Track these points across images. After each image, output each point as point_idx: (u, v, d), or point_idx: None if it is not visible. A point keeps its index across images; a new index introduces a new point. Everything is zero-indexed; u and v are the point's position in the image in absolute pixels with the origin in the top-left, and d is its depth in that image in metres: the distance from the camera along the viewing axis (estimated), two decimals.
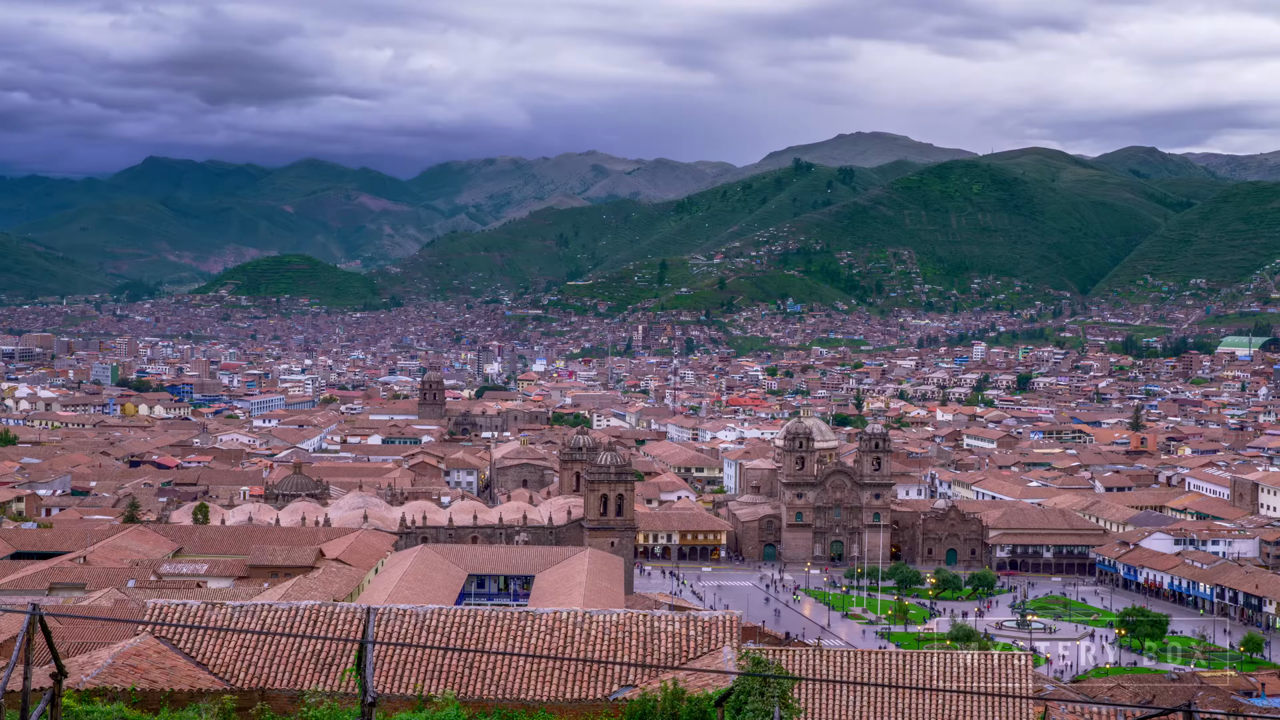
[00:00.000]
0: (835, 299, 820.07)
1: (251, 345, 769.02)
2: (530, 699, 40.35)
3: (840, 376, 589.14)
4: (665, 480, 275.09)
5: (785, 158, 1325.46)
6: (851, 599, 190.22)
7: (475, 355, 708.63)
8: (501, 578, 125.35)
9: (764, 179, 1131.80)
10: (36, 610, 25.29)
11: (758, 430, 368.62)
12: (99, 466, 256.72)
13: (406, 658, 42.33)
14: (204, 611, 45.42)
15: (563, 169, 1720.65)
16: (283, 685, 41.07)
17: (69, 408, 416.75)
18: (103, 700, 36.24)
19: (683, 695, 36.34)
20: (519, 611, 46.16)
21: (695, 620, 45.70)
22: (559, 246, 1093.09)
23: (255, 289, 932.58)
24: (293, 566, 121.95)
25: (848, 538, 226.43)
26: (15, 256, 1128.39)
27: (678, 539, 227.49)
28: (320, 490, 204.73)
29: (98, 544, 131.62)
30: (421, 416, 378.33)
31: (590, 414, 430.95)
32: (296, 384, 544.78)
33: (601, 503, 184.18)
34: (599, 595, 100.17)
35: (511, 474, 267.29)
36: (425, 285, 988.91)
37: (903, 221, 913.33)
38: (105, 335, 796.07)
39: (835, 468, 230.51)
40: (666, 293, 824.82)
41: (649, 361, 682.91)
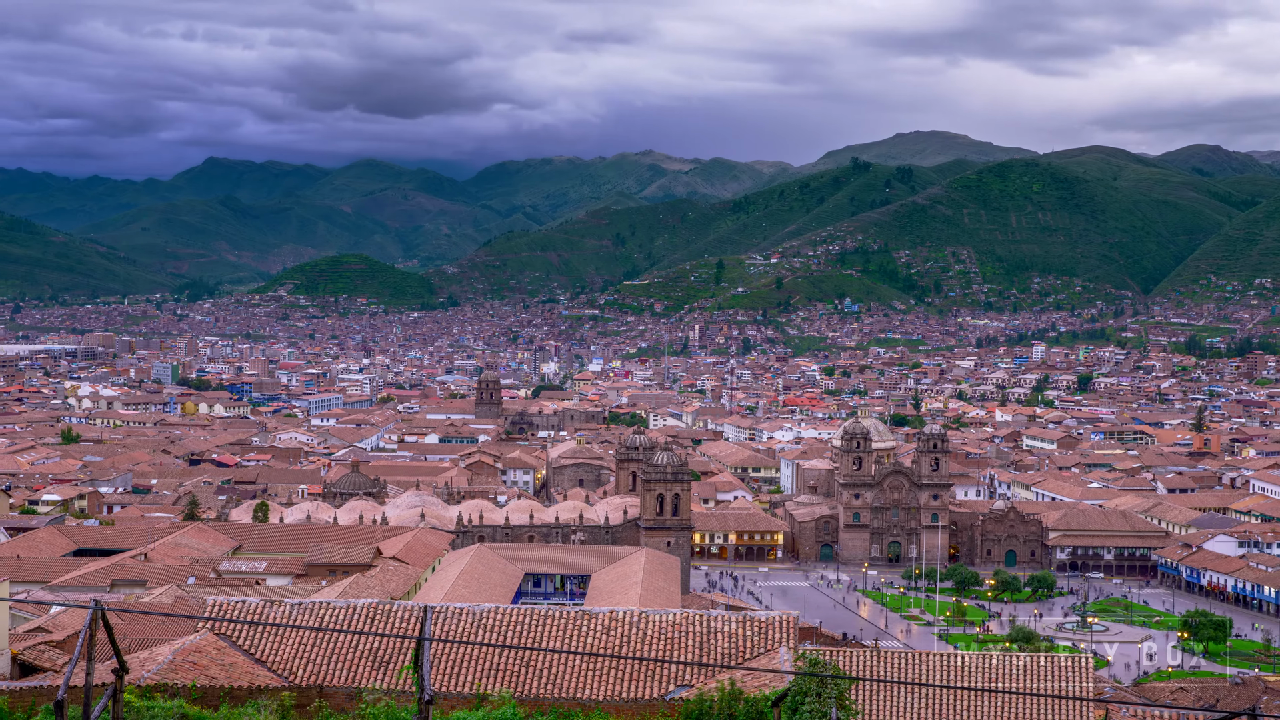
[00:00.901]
0: (893, 299, 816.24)
1: (310, 344, 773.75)
2: (586, 698, 40.33)
3: (898, 376, 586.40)
4: (722, 480, 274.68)
5: (843, 157, 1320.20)
6: (909, 600, 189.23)
7: (532, 355, 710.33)
8: (558, 577, 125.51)
9: (822, 178, 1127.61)
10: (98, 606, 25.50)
11: (815, 430, 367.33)
12: (159, 465, 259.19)
13: (463, 656, 42.39)
14: (263, 609, 45.67)
15: (619, 168, 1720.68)
16: (341, 682, 41.24)
17: (130, 406, 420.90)
18: (163, 696, 36.52)
19: (739, 695, 36.21)
20: (575, 611, 46.14)
21: (752, 620, 45.53)
22: (615, 246, 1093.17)
23: (314, 289, 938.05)
24: (350, 565, 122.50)
25: (905, 538, 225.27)
26: (78, 257, 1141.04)
27: (734, 539, 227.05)
28: (378, 489, 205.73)
29: (158, 541, 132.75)
30: (478, 416, 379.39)
31: (646, 414, 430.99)
32: (354, 383, 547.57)
33: (658, 502, 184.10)
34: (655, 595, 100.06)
35: (568, 473, 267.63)
36: (482, 285, 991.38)
37: (962, 221, 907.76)
38: (166, 335, 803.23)
39: (893, 468, 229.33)
40: (723, 292, 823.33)
41: (705, 361, 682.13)
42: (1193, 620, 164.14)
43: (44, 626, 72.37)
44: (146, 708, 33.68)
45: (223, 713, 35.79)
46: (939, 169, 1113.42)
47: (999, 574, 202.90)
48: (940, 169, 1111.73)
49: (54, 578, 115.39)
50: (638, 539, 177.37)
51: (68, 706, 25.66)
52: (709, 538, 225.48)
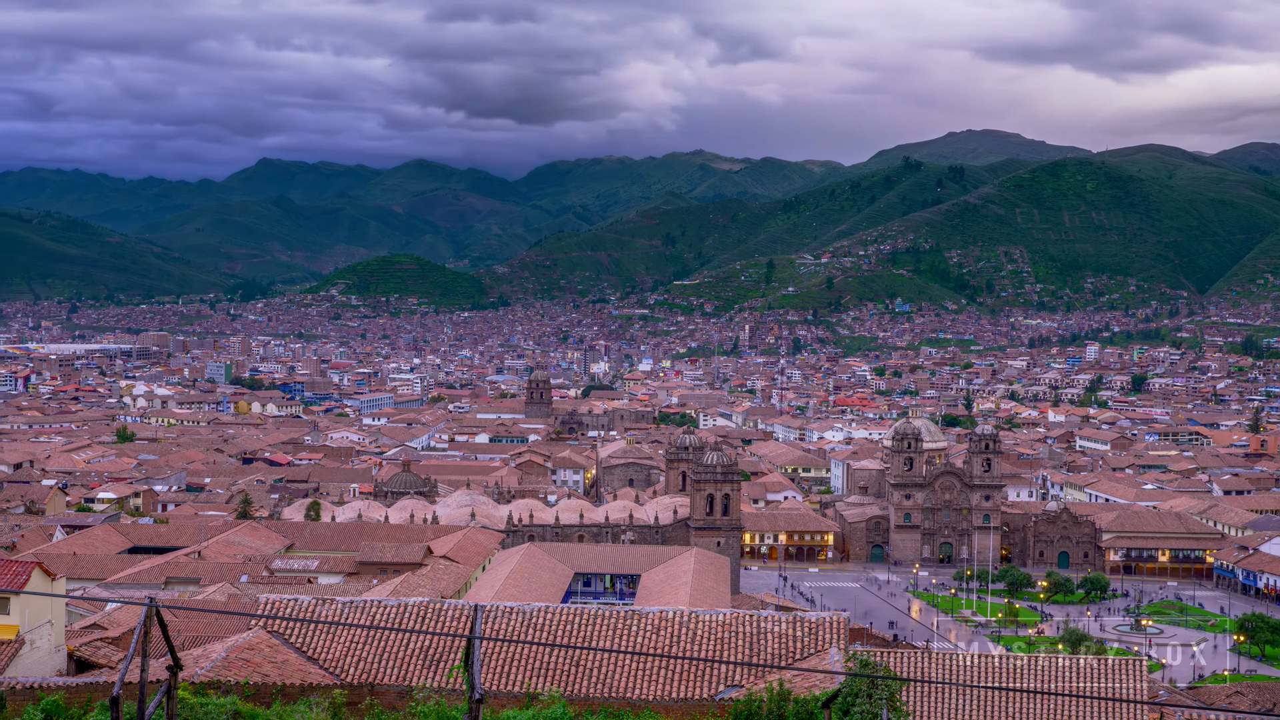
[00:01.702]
0: (944, 298, 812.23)
1: (361, 344, 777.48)
2: (636, 698, 40.34)
3: (949, 377, 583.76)
4: (772, 480, 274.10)
5: (894, 156, 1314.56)
6: (961, 601, 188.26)
7: (581, 354, 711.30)
8: (607, 576, 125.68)
9: (873, 178, 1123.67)
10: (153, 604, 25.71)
11: (865, 430, 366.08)
12: (213, 463, 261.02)
13: (514, 655, 42.50)
14: (315, 607, 45.94)
15: (669, 168, 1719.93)
16: (392, 680, 41.43)
17: (184, 405, 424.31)
18: (217, 693, 36.79)
19: (789, 696, 36.13)
20: (625, 610, 46.17)
21: (802, 621, 45.44)
22: (666, 246, 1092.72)
23: (365, 289, 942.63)
24: (401, 563, 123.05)
25: (957, 539, 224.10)
26: (133, 257, 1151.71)
27: (784, 539, 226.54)
28: (428, 488, 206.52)
29: (212, 539, 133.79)
30: (528, 415, 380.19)
31: (696, 414, 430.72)
32: (405, 382, 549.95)
33: (708, 502, 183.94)
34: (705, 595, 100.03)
35: (617, 473, 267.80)
36: (532, 285, 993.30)
37: (1014, 220, 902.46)
38: (219, 334, 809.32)
39: (944, 469, 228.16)
40: (773, 292, 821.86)
41: (755, 361, 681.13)
42: (1249, 623, 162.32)
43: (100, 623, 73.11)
44: (200, 704, 33.93)
45: (275, 710, 36.00)
46: (991, 168, 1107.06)
47: (1051, 575, 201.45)
48: (992, 168, 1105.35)
49: (109, 575, 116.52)
50: (687, 539, 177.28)
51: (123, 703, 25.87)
52: (759, 538, 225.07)
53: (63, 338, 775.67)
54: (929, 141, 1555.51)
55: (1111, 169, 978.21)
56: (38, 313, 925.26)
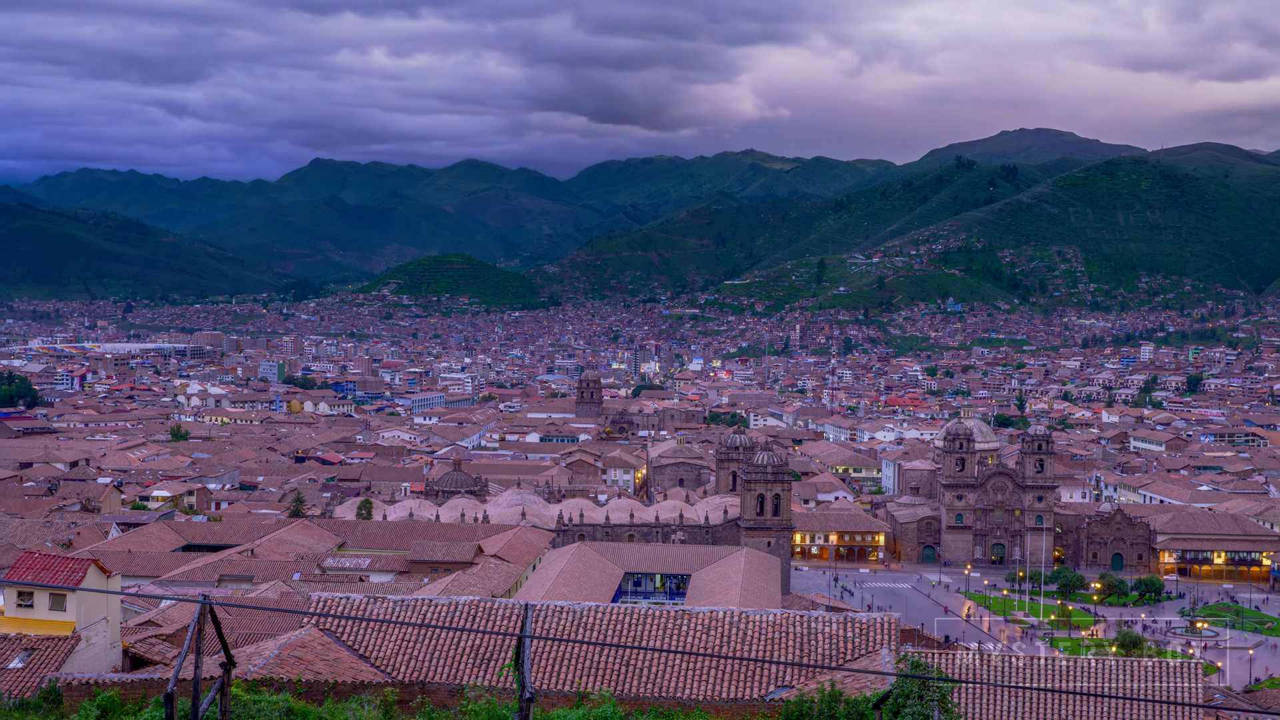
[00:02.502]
0: (997, 298, 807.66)
1: (412, 344, 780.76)
2: (686, 698, 40.31)
3: (1002, 377, 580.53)
4: (822, 480, 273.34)
5: (947, 155, 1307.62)
6: (1013, 603, 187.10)
7: (632, 354, 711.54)
8: (657, 576, 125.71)
9: (925, 177, 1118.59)
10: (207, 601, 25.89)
11: (917, 431, 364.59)
12: (266, 462, 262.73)
13: (564, 654, 42.55)
14: (366, 605, 46.15)
15: (720, 167, 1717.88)
16: (443, 679, 41.56)
17: (237, 404, 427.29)
18: (269, 690, 37.00)
19: (840, 697, 36.01)
20: (675, 610, 46.13)
21: (853, 622, 45.29)
22: (716, 245, 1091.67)
23: (416, 288, 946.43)
24: (452, 562, 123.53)
25: (1009, 540, 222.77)
26: (188, 257, 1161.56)
27: (835, 539, 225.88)
28: (479, 487, 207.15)
29: (264, 537, 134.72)
30: (579, 415, 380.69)
31: (747, 413, 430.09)
32: (456, 382, 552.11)
33: (758, 502, 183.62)
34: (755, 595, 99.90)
35: (668, 473, 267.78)
36: (583, 284, 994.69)
37: (1068, 219, 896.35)
38: (272, 334, 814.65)
39: (997, 469, 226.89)
40: (824, 292, 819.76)
41: (806, 361, 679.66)
42: None
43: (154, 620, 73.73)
44: (253, 701, 34.14)
45: (327, 707, 36.18)
46: (1044, 167, 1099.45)
47: (1105, 577, 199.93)
48: (1045, 167, 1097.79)
49: (164, 572, 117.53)
50: (738, 539, 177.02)
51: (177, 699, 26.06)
52: (809, 538, 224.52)
53: (118, 337, 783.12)
54: (981, 140, 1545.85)
55: (1167, 168, 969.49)
56: (94, 312, 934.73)
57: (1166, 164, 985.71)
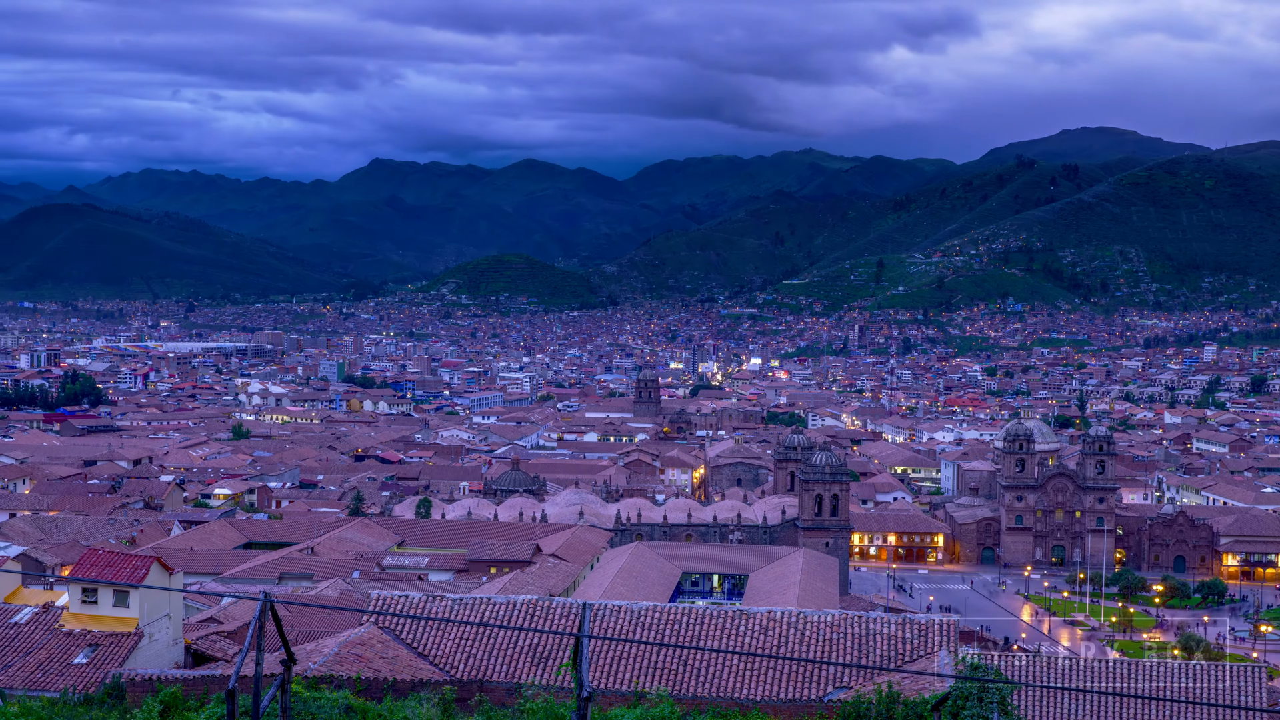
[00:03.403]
0: (1057, 298, 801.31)
1: (471, 343, 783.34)
2: (744, 698, 40.28)
3: (1062, 377, 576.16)
4: (881, 481, 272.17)
5: (1007, 154, 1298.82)
6: (1074, 605, 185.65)
7: (690, 354, 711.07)
8: (715, 576, 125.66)
9: (985, 176, 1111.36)
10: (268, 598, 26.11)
11: (976, 431, 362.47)
12: (326, 460, 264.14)
13: (622, 654, 42.62)
14: (425, 603, 46.39)
15: (778, 166, 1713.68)
16: (501, 677, 41.72)
17: (298, 403, 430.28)
18: (329, 687, 37.26)
19: (898, 698, 35.87)
20: (733, 610, 46.11)
21: (911, 623, 45.11)
22: (774, 245, 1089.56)
23: (475, 288, 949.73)
24: (510, 561, 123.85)
25: (1069, 542, 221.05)
26: (249, 256, 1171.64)
27: (893, 540, 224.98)
28: (537, 486, 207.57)
29: (324, 535, 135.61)
30: (637, 414, 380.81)
31: (805, 413, 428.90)
32: (514, 381, 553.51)
33: (816, 503, 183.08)
34: (813, 595, 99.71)
35: (726, 472, 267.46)
36: (640, 284, 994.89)
37: (1129, 218, 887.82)
38: (332, 333, 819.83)
39: (1057, 470, 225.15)
40: (883, 292, 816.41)
41: (865, 361, 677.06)
42: None
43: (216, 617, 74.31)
44: (313, 698, 34.39)
45: (386, 705, 36.39)
46: (1106, 166, 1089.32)
47: (1167, 580, 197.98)
48: (1107, 166, 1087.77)
49: (225, 570, 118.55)
50: (796, 539, 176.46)
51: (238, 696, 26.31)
52: (868, 539, 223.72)
53: (180, 336, 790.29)
54: (1042, 139, 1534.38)
55: (1231, 166, 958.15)
56: (157, 312, 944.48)
57: (1230, 162, 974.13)
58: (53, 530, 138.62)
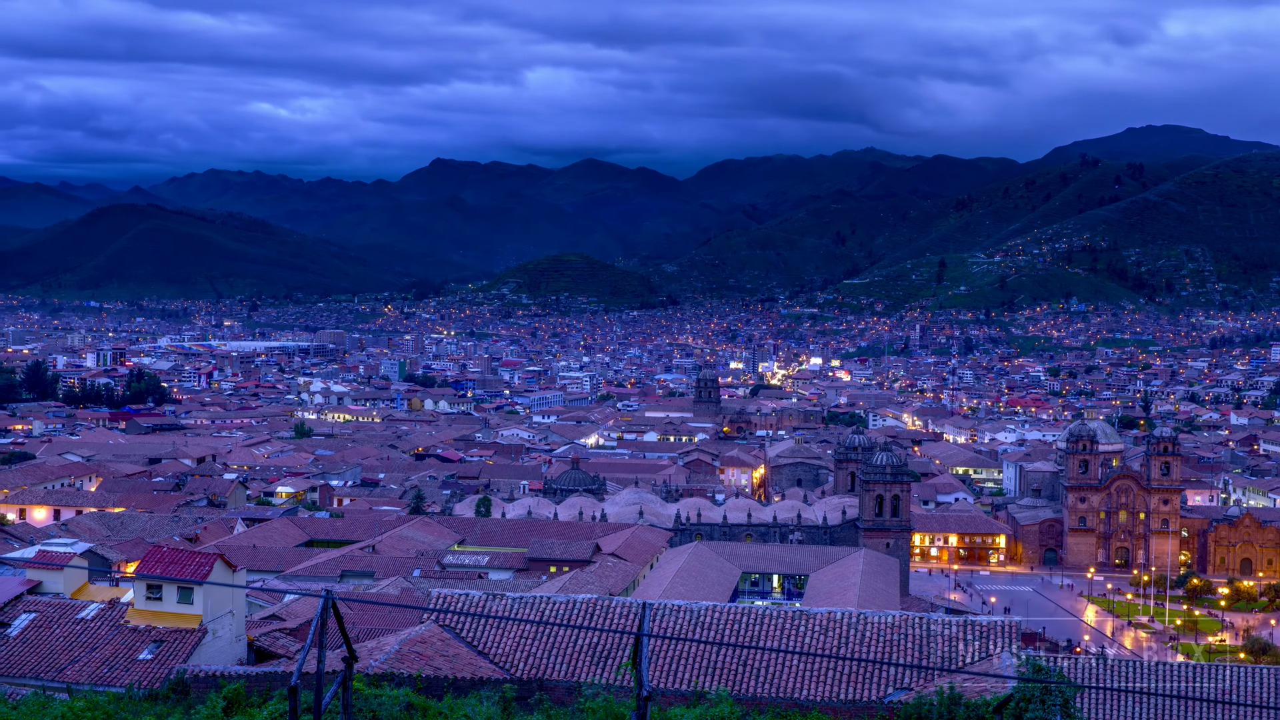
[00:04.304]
0: (1121, 298, 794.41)
1: (531, 342, 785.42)
2: (804, 698, 40.14)
3: (1126, 378, 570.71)
4: (942, 481, 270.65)
5: (1071, 153, 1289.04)
6: (1138, 607, 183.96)
7: (750, 354, 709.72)
8: (775, 576, 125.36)
9: (1048, 175, 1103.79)
10: (329, 596, 26.25)
11: (1039, 432, 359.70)
12: (387, 459, 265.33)
13: (681, 653, 42.58)
14: (485, 602, 46.52)
15: (839, 166, 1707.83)
16: (560, 676, 41.77)
17: (359, 402, 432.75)
18: (390, 684, 37.44)
19: (959, 700, 35.63)
20: (793, 610, 45.97)
21: (973, 624, 44.80)
22: (835, 244, 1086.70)
23: (535, 287, 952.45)
24: (570, 560, 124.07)
25: (1133, 544, 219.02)
26: (311, 256, 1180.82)
27: (955, 541, 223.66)
28: (597, 486, 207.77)
29: (385, 534, 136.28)
30: (696, 414, 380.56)
31: (866, 413, 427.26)
32: (574, 381, 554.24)
33: (877, 503, 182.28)
34: (874, 596, 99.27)
35: (786, 472, 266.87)
36: (701, 283, 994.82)
37: (1195, 217, 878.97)
38: (393, 332, 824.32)
39: (1121, 471, 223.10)
40: (944, 291, 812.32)
41: (926, 361, 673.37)
42: None
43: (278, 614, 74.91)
44: (374, 695, 34.57)
45: (447, 702, 36.52)
46: (1171, 165, 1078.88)
47: (1233, 582, 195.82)
48: (1173, 164, 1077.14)
49: (287, 567, 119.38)
50: (856, 540, 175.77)
51: (300, 692, 26.47)
52: (929, 540, 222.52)
53: (243, 335, 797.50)
54: (1107, 138, 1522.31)
55: None
56: (220, 311, 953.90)
57: None
58: (118, 527, 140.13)
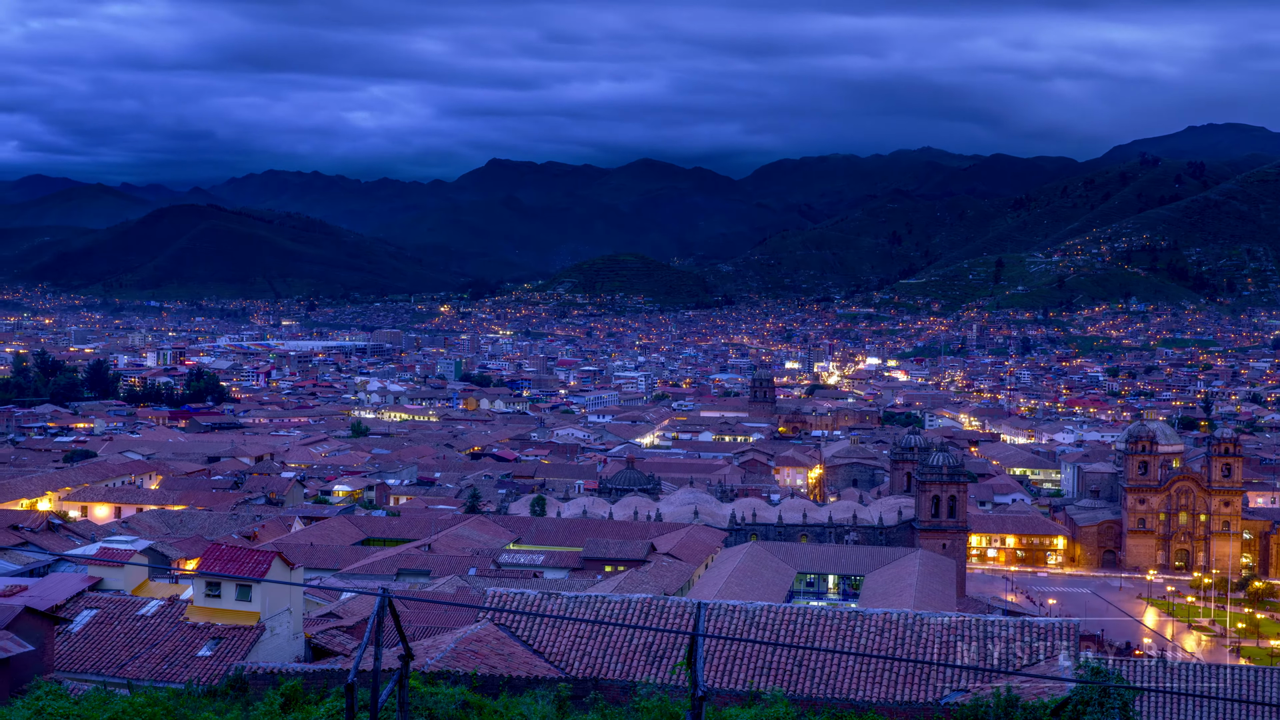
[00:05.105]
0: (1182, 297, 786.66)
1: (587, 342, 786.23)
2: (859, 699, 40.00)
3: (1187, 378, 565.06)
4: (1000, 482, 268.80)
5: (1131, 152, 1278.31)
6: (1199, 610, 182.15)
7: (805, 353, 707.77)
8: (831, 577, 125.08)
9: (1107, 174, 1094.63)
10: (386, 594, 26.41)
11: (1098, 433, 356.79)
12: (443, 458, 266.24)
13: (736, 653, 42.54)
14: (540, 601, 46.65)
15: (895, 165, 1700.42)
16: (615, 675, 41.80)
17: (415, 401, 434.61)
18: (446, 683, 37.57)
19: (1016, 702, 35.40)
20: (848, 611, 45.85)
21: (1031, 626, 44.51)
22: (891, 244, 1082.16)
23: (591, 287, 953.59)
24: (625, 560, 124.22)
25: (1194, 546, 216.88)
26: (368, 256, 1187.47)
27: (1012, 542, 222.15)
28: (652, 485, 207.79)
29: (441, 533, 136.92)
30: (751, 414, 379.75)
31: (922, 413, 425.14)
32: (630, 380, 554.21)
33: (933, 504, 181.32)
34: (930, 597, 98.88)
35: (841, 473, 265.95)
36: (756, 283, 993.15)
37: (1258, 216, 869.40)
38: (450, 332, 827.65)
39: (1181, 473, 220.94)
40: (1002, 291, 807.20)
41: (983, 361, 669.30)
42: None
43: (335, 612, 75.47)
44: (430, 693, 34.71)
45: (502, 701, 36.62)
46: (1233, 163, 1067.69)
47: None
48: (1235, 163, 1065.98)
49: (344, 565, 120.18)
50: (912, 540, 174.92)
51: (357, 690, 26.62)
52: (986, 541, 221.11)
53: (301, 334, 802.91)
54: (1167, 137, 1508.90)
55: None
56: (278, 310, 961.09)
57: None
58: (177, 525, 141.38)
